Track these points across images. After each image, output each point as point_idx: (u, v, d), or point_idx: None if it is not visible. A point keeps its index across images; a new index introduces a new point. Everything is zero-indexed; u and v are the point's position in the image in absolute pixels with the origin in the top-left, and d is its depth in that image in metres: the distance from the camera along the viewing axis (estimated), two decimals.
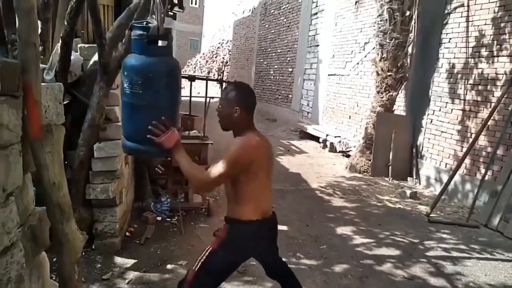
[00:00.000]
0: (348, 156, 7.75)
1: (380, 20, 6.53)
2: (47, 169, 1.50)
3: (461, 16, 5.74)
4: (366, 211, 4.94)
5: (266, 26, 14.20)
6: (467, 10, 5.65)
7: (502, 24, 5.08)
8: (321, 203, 5.14)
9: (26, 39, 1.40)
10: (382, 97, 6.67)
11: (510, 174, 4.61)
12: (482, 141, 5.22)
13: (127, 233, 3.67)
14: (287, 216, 4.46)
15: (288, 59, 12.30)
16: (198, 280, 1.90)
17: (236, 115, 1.87)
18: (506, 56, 5.03)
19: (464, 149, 5.35)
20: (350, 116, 8.49)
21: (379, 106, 6.69)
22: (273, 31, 13.57)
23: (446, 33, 6.00)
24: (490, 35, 5.26)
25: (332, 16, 9.47)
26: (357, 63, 8.25)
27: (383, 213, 4.89)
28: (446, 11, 6.01)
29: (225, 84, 4.85)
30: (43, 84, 1.51)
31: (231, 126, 1.93)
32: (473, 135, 5.24)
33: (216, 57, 20.80)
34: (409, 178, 6.46)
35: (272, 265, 2.21)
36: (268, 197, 2.01)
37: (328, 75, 9.55)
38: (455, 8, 5.85)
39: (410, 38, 6.39)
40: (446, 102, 5.96)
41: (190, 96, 4.54)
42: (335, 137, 8.53)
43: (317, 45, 10.32)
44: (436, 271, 3.43)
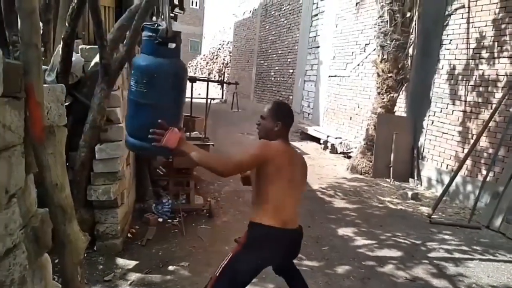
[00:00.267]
0: (349, 158, 7.74)
1: (381, 22, 6.54)
2: (49, 170, 1.50)
3: (462, 18, 5.74)
4: (368, 212, 4.93)
5: (267, 27, 14.22)
6: (468, 12, 5.65)
7: (503, 26, 5.08)
8: (322, 204, 5.13)
9: (28, 40, 1.40)
10: (383, 99, 6.67)
11: (511, 175, 4.60)
12: (483, 142, 5.22)
13: (129, 235, 3.66)
14: None
15: (288, 60, 12.30)
16: (219, 286, 1.88)
17: (276, 129, 2.05)
18: (507, 57, 5.03)
19: (466, 151, 5.35)
20: (351, 117, 8.48)
21: (380, 107, 6.69)
22: (273, 33, 13.58)
23: (447, 35, 6.00)
24: (491, 36, 5.26)
25: (333, 17, 9.48)
26: (358, 65, 8.25)
27: (384, 214, 4.89)
28: (446, 13, 6.02)
29: (226, 84, 4.86)
30: (45, 85, 1.51)
31: (268, 137, 2.07)
32: (474, 137, 5.23)
33: (216, 58, 20.81)
34: (410, 180, 6.46)
35: (282, 266, 2.20)
36: (290, 207, 1.99)
37: (329, 77, 9.55)
38: (455, 9, 5.85)
39: (410, 40, 6.39)
40: (447, 104, 5.96)
41: (191, 98, 4.54)
42: (336, 138, 8.53)
43: (318, 47, 10.32)
44: (438, 272, 3.42)
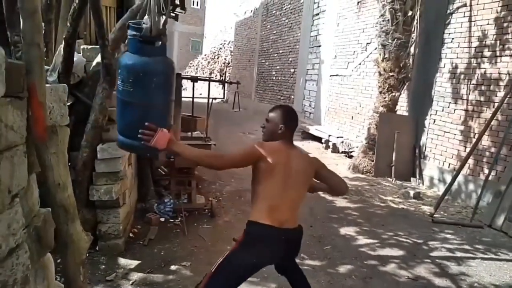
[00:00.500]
0: (350, 157, 7.73)
1: (382, 21, 6.52)
2: (52, 170, 1.50)
3: (464, 16, 5.73)
4: (369, 211, 4.92)
5: (268, 27, 14.21)
6: (470, 10, 5.63)
7: (505, 24, 5.07)
8: (324, 203, 5.12)
9: (30, 40, 1.40)
10: (384, 98, 6.66)
11: None
12: (486, 141, 5.20)
13: (131, 234, 3.67)
14: None
15: (290, 59, 12.29)
16: (213, 282, 1.90)
17: (279, 132, 2.08)
18: (509, 56, 5.01)
19: (468, 149, 5.34)
20: (352, 117, 8.47)
21: (382, 106, 6.68)
22: (274, 32, 13.57)
23: (449, 33, 5.98)
24: (493, 35, 5.24)
25: (334, 16, 9.46)
26: (359, 64, 8.24)
27: (386, 214, 4.88)
28: (448, 11, 6.00)
29: (227, 83, 4.86)
30: (47, 85, 1.51)
31: (273, 139, 2.11)
32: (476, 135, 5.22)
33: (217, 58, 20.81)
34: (412, 179, 6.44)
35: (284, 265, 2.20)
36: (287, 206, 1.98)
37: (330, 76, 9.54)
38: (457, 8, 5.84)
39: (412, 38, 6.38)
40: (449, 103, 5.95)
41: (193, 97, 4.54)
42: (337, 137, 8.52)
43: (319, 46, 10.31)
44: (441, 271, 3.41)
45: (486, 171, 5.03)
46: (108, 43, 2.99)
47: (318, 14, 10.54)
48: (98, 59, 3.24)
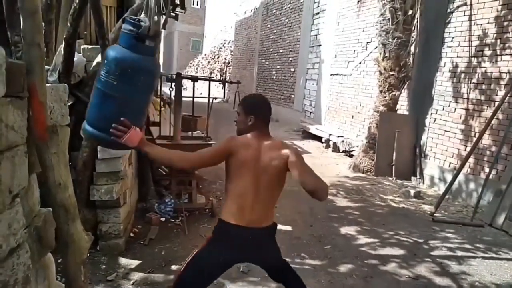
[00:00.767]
0: (351, 156, 7.73)
1: (383, 20, 6.52)
2: (53, 170, 1.50)
3: (464, 15, 5.72)
4: (370, 210, 4.92)
5: (268, 26, 14.20)
6: (470, 9, 5.63)
7: (506, 23, 5.06)
8: (325, 203, 5.11)
9: (30, 40, 1.40)
10: (385, 97, 6.66)
11: None
12: (486, 140, 5.20)
13: (131, 234, 3.67)
14: (291, 216, 4.46)
15: (290, 59, 12.29)
16: (182, 279, 1.92)
17: (250, 123, 2.02)
18: (509, 55, 5.00)
19: (468, 148, 5.33)
20: (353, 116, 8.47)
21: (382, 105, 6.68)
22: (275, 31, 13.57)
23: (449, 32, 5.98)
24: (493, 34, 5.24)
25: (334, 15, 9.46)
26: (360, 63, 8.23)
27: (387, 213, 4.88)
28: (448, 10, 6.00)
29: (227, 83, 4.86)
30: (47, 85, 1.51)
31: (245, 131, 2.05)
32: (477, 134, 5.21)
33: (218, 57, 20.82)
34: (412, 178, 6.44)
35: (274, 270, 2.18)
36: (256, 205, 1.91)
37: (331, 75, 9.54)
38: (457, 7, 5.83)
39: (412, 37, 6.38)
40: (449, 101, 5.94)
41: (193, 97, 4.54)
42: (338, 137, 8.52)
43: (319, 45, 10.31)
44: (441, 270, 3.41)
45: (487, 170, 5.03)
46: (109, 42, 2.99)
47: (318, 13, 10.54)
48: (98, 59, 3.23)
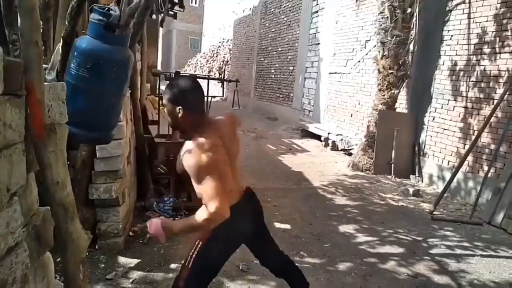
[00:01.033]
0: (350, 155, 7.74)
1: (381, 18, 6.51)
2: (51, 168, 1.49)
3: (463, 13, 5.72)
4: (369, 209, 4.93)
5: (267, 24, 14.19)
6: (469, 7, 5.63)
7: (504, 21, 5.06)
8: (324, 201, 5.13)
9: (28, 38, 1.39)
10: (383, 95, 6.66)
11: None
12: (485, 138, 5.20)
13: (130, 233, 3.66)
14: (290, 215, 4.46)
15: (289, 57, 12.28)
16: (192, 275, 1.88)
17: (180, 115, 1.72)
18: (508, 53, 5.01)
19: (467, 147, 5.34)
20: (351, 114, 8.47)
21: (381, 104, 6.68)
22: (273, 30, 13.55)
23: (448, 30, 5.98)
24: (492, 32, 5.24)
25: (333, 14, 9.45)
26: (358, 61, 8.23)
27: (386, 211, 4.88)
28: (447, 8, 5.99)
29: (226, 82, 4.85)
30: (45, 83, 1.50)
31: (179, 127, 1.80)
32: (476, 133, 5.22)
33: (216, 56, 20.80)
34: (411, 176, 6.45)
35: (272, 261, 2.17)
36: (236, 182, 1.91)
37: (329, 73, 9.54)
38: (456, 5, 5.83)
39: (411, 36, 6.38)
40: (448, 100, 5.95)
41: None
42: (337, 135, 8.52)
43: (318, 43, 10.30)
44: (440, 268, 3.42)
45: (486, 168, 5.04)
46: None
47: (317, 11, 10.52)
48: None
